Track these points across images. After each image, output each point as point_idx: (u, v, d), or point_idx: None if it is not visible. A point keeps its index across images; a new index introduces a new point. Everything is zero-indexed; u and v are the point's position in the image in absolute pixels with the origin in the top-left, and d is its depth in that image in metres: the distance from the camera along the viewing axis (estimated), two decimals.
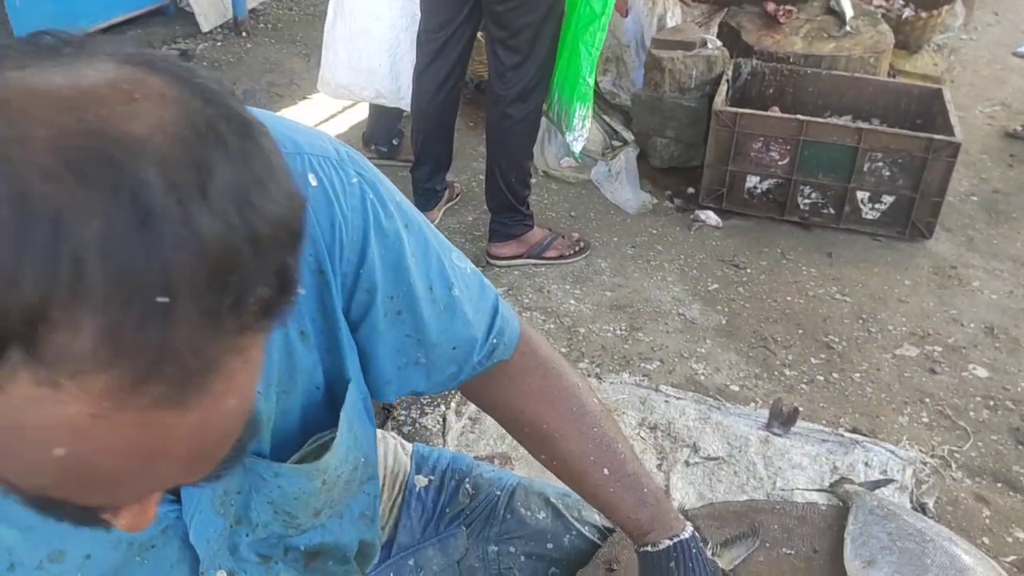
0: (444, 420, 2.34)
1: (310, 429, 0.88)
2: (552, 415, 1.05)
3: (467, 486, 1.27)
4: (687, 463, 2.31)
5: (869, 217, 3.40)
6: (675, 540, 1.01)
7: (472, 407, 2.37)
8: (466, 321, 0.97)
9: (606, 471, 1.04)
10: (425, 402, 2.33)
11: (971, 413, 2.54)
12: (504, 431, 1.11)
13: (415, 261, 0.91)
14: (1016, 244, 3.45)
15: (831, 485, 1.43)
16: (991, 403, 2.58)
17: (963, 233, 3.50)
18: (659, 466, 2.31)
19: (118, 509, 0.55)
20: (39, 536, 0.73)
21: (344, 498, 0.96)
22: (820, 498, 1.40)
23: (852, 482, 1.42)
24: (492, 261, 3.16)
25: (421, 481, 1.27)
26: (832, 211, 3.42)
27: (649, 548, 1.03)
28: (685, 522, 1.05)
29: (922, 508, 2.14)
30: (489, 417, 1.12)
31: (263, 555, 0.92)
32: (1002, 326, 2.93)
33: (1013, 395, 2.61)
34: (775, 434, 2.41)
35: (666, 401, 2.54)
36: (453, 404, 2.41)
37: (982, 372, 2.71)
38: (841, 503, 1.35)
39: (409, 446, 1.33)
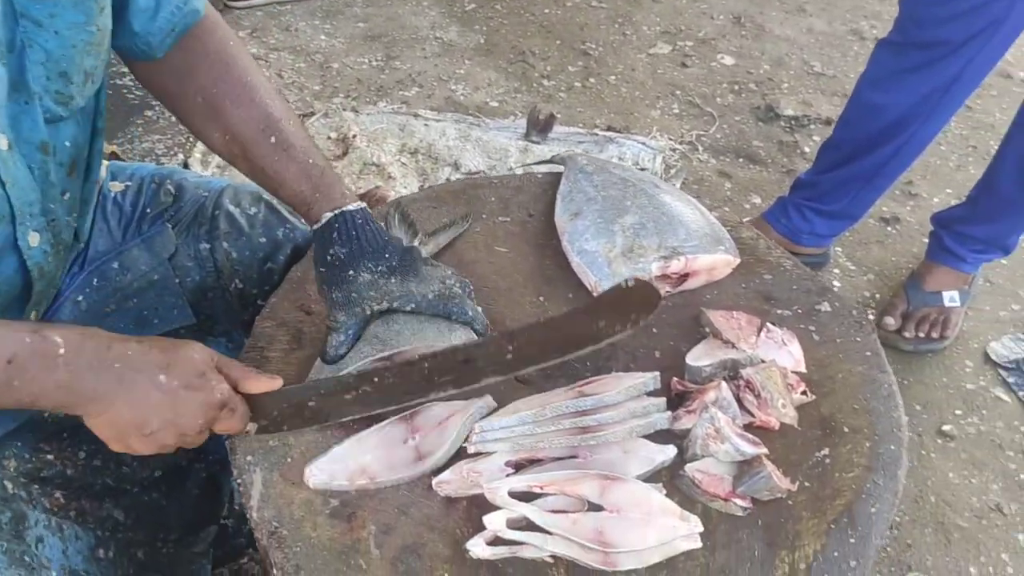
0: (187, 167, 2.19)
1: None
2: (226, 80, 1.03)
3: (168, 186, 1.21)
4: (448, 180, 2.30)
5: None
6: (336, 212, 0.99)
7: (218, 157, 2.22)
8: None
9: (273, 140, 1.01)
10: (160, 152, 2.17)
11: (718, 99, 2.63)
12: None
13: None
14: None
15: (551, 157, 1.43)
16: (736, 87, 2.67)
17: None
18: (421, 188, 2.28)
19: None
20: None
21: (104, 67, 0.97)
22: (543, 170, 1.40)
23: (573, 152, 1.43)
24: (230, 4, 2.89)
25: (116, 187, 1.20)
26: None
27: (316, 225, 1.00)
28: (356, 199, 1.02)
29: None
30: (237, 170, 1.08)
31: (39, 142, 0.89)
32: (749, 14, 3.00)
33: (756, 77, 2.72)
34: (533, 142, 2.42)
35: (426, 125, 2.48)
36: (197, 154, 2.26)
37: (729, 60, 2.79)
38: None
39: (104, 162, 1.23)
